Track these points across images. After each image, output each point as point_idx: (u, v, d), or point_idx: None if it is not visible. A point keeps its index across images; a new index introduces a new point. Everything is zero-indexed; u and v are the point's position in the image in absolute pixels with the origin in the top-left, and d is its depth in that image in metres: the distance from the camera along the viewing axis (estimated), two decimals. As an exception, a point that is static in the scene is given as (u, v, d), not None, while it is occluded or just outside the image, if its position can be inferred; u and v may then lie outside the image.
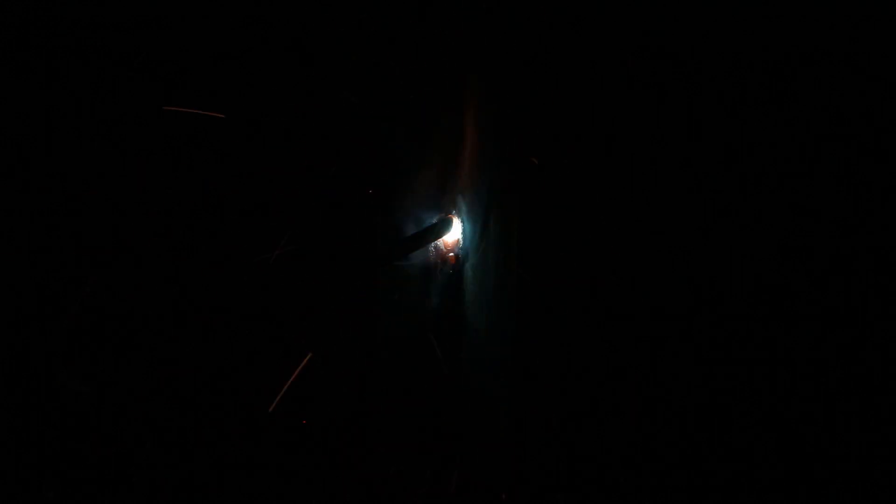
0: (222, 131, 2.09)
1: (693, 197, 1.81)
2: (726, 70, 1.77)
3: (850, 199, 1.67)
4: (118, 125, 2.05)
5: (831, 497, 1.64)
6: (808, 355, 1.69)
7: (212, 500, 2.04)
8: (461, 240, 2.26)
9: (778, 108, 1.72)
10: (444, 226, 2.24)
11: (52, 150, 2.03)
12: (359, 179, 2.26)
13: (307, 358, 2.02)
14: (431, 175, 2.25)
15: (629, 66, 1.85)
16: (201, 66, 2.08)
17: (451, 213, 2.27)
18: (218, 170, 2.10)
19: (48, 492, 1.89)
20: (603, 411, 1.88)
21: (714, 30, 1.77)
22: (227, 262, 2.06)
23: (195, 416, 2.04)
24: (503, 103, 2.05)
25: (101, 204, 2.05)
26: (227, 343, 2.07)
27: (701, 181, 1.80)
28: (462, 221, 2.25)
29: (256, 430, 2.10)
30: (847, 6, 1.63)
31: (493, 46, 2.05)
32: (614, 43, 1.85)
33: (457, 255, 2.27)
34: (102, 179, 2.05)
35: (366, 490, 2.16)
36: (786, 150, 1.72)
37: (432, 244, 2.28)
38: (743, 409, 1.75)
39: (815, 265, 1.69)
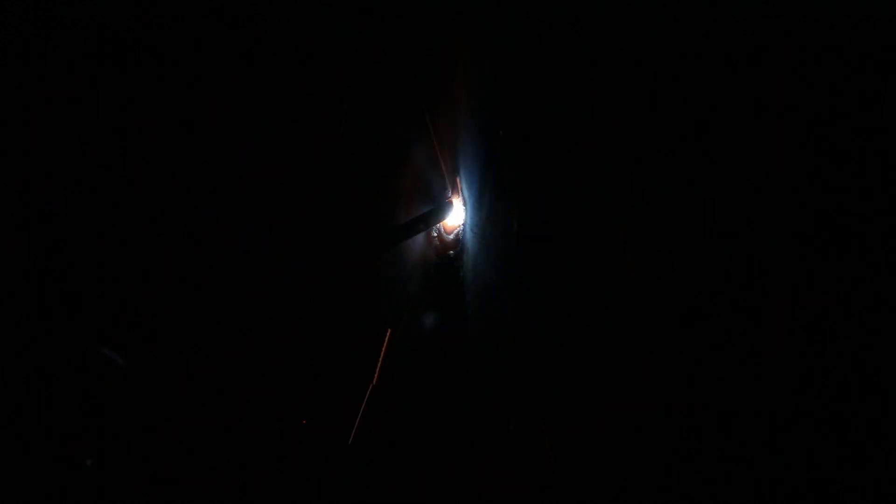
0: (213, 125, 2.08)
1: (694, 196, 1.81)
2: (727, 70, 1.76)
3: (855, 199, 1.66)
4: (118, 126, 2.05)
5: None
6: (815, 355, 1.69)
7: (211, 499, 2.04)
8: (463, 225, 2.21)
9: (781, 108, 1.72)
10: (444, 210, 2.20)
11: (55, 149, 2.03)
12: (356, 165, 2.24)
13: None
14: (431, 159, 2.22)
15: (630, 65, 1.85)
16: (198, 65, 2.08)
17: (450, 197, 2.23)
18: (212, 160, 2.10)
19: (86, 458, 1.95)
20: (606, 411, 1.88)
21: (714, 30, 1.76)
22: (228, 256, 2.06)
23: (197, 414, 2.05)
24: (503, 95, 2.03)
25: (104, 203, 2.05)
26: (232, 339, 2.07)
27: (704, 181, 1.79)
28: (464, 205, 2.21)
29: (256, 430, 2.10)
30: (847, 6, 1.63)
31: (493, 42, 2.05)
32: (615, 42, 1.85)
33: (458, 241, 2.22)
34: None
35: (366, 490, 2.16)
36: (788, 150, 1.72)
37: (432, 228, 2.23)
38: (748, 410, 1.75)
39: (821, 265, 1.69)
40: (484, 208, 2.13)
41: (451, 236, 2.25)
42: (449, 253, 2.24)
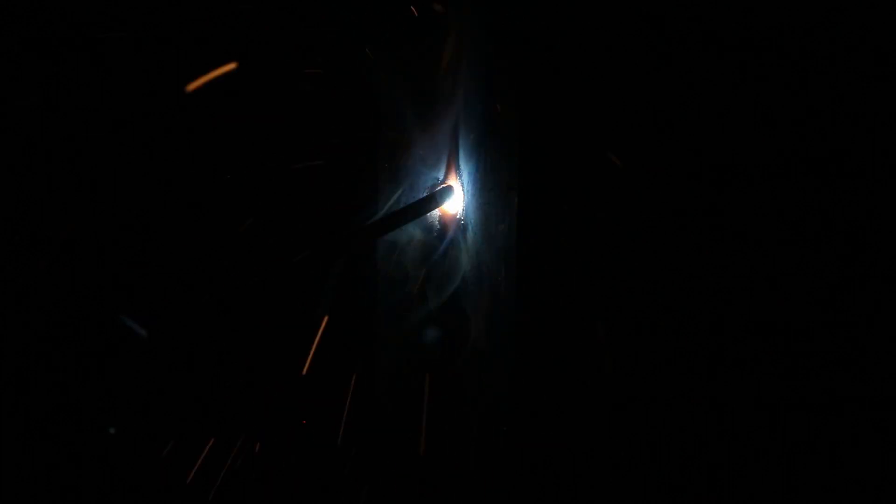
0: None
1: (698, 194, 1.80)
2: (730, 68, 1.76)
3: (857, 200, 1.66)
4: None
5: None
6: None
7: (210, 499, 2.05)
8: (462, 212, 2.15)
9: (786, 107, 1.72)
10: (442, 195, 2.11)
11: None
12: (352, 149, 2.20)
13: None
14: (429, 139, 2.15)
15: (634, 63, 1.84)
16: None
17: (449, 181, 2.17)
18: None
19: (109, 427, 1.99)
20: (607, 410, 1.88)
21: (721, 32, 1.76)
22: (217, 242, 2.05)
23: (195, 413, 2.05)
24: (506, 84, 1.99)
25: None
26: (226, 336, 2.07)
27: (709, 180, 1.79)
28: (464, 190, 2.14)
29: (257, 431, 2.11)
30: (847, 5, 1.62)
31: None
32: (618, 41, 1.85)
33: (458, 229, 2.14)
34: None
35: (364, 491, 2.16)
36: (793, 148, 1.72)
37: (430, 216, 2.16)
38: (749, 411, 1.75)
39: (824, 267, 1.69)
40: (483, 192, 2.08)
41: (451, 227, 2.18)
42: (447, 247, 2.20)
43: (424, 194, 2.12)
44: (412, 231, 2.24)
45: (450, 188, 2.12)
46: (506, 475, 1.98)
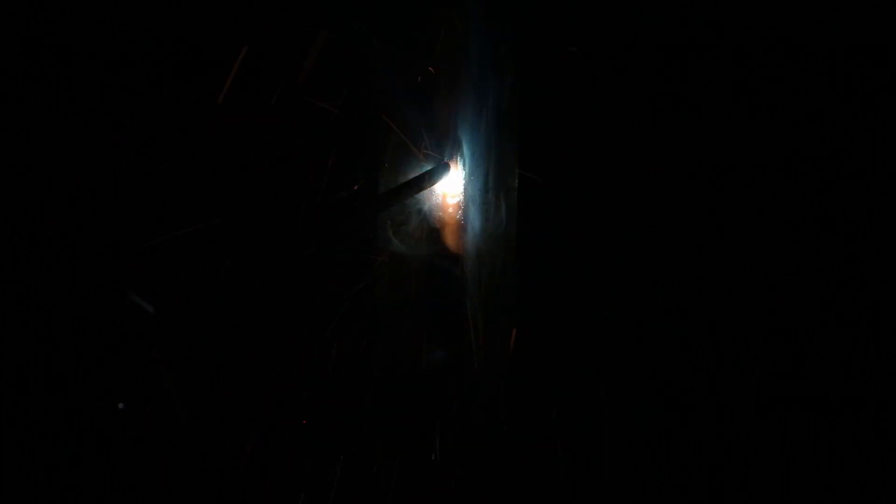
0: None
1: (699, 193, 1.80)
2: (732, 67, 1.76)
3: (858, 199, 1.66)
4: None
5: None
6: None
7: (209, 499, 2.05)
8: (463, 212, 2.16)
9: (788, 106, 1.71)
10: (438, 172, 2.08)
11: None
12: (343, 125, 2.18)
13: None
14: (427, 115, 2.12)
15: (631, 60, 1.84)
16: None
17: (447, 159, 2.14)
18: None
19: (117, 402, 1.99)
20: (607, 410, 1.87)
21: (721, 32, 1.76)
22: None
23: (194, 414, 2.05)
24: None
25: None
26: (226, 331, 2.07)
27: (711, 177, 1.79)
28: (463, 168, 2.12)
29: (256, 430, 2.11)
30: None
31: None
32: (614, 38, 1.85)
33: (458, 229, 2.14)
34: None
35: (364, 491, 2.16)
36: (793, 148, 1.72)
37: (430, 215, 2.14)
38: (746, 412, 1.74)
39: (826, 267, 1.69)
40: (483, 192, 2.07)
41: (451, 229, 2.18)
42: (447, 248, 2.19)
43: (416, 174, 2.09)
44: (412, 231, 2.24)
45: (446, 165, 2.09)
46: (506, 475, 1.98)
